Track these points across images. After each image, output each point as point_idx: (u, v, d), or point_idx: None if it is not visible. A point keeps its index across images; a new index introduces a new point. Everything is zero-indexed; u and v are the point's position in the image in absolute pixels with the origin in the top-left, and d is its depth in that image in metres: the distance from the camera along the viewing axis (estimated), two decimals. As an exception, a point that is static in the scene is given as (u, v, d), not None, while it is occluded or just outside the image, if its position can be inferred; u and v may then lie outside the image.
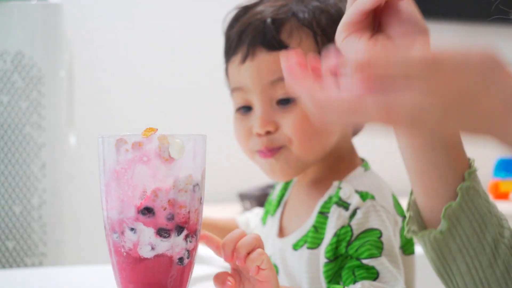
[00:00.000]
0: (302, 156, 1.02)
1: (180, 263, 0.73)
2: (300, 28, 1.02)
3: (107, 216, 0.73)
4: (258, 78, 1.02)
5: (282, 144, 1.01)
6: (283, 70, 0.62)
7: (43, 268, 1.51)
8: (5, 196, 1.64)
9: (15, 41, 1.66)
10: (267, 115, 1.02)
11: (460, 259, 0.72)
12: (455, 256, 0.72)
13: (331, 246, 0.95)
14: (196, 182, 0.73)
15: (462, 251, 0.71)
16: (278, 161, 1.02)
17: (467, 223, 0.71)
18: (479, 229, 0.71)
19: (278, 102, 1.02)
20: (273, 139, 1.02)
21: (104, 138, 0.73)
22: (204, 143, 0.75)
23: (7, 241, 1.65)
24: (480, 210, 0.72)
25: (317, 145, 1.02)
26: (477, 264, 0.71)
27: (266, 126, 1.01)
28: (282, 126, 1.01)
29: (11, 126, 1.65)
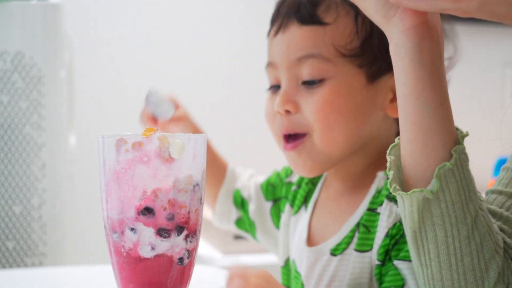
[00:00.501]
0: (324, 148, 0.95)
1: (180, 263, 0.73)
2: (341, 4, 0.96)
3: (107, 216, 0.73)
4: (286, 53, 0.97)
5: (304, 130, 0.96)
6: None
7: (43, 268, 1.51)
8: (5, 196, 1.64)
9: (15, 41, 1.66)
10: (289, 93, 0.96)
11: (440, 226, 0.71)
12: (435, 222, 0.71)
13: (384, 248, 0.89)
14: (196, 182, 0.73)
15: (444, 217, 0.70)
16: (300, 155, 0.97)
17: (455, 188, 0.70)
18: (464, 196, 0.71)
19: (303, 82, 0.96)
20: (294, 121, 0.96)
21: (104, 138, 0.73)
22: (204, 143, 0.75)
23: (7, 241, 1.64)
24: (467, 176, 0.71)
25: (340, 136, 0.95)
26: (456, 233, 0.71)
27: (286, 105, 0.96)
28: (303, 109, 0.96)
29: (11, 126, 1.65)
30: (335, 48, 0.95)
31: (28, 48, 1.67)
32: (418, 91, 0.70)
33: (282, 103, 0.96)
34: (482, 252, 0.71)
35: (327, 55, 0.95)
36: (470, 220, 0.71)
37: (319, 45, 0.95)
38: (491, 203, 0.79)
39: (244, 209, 1.19)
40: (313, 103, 0.94)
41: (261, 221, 1.17)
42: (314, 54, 0.95)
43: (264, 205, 1.17)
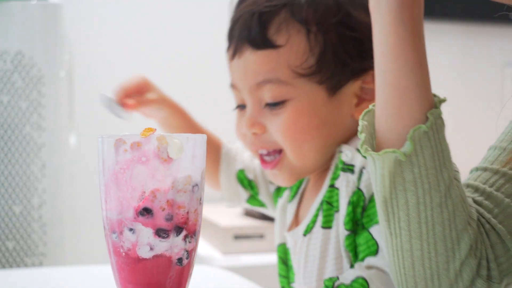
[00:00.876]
0: (298, 163, 0.98)
1: (179, 264, 0.73)
2: (291, 23, 0.95)
3: (106, 216, 0.73)
4: (245, 78, 0.98)
5: (276, 147, 0.98)
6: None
7: (43, 268, 1.51)
8: (5, 196, 1.64)
9: (15, 41, 1.66)
10: (254, 116, 0.98)
11: (412, 192, 0.69)
12: (407, 187, 0.69)
13: (349, 217, 0.90)
14: (195, 183, 0.73)
15: (417, 183, 0.69)
16: (280, 171, 0.99)
17: (429, 152, 0.69)
18: (439, 162, 0.69)
19: (266, 104, 0.97)
20: (264, 140, 0.99)
21: (104, 138, 0.73)
22: (204, 143, 0.75)
23: (7, 241, 1.64)
24: (443, 143, 0.70)
25: (311, 151, 0.97)
26: (428, 200, 0.69)
27: (252, 128, 0.98)
28: (270, 130, 0.98)
29: (11, 126, 1.65)
30: (292, 70, 0.95)
31: (28, 48, 1.67)
32: (398, 50, 0.69)
33: (248, 127, 0.98)
34: (455, 222, 0.69)
35: (284, 79, 0.96)
36: (443, 187, 0.69)
37: (275, 69, 0.96)
38: (475, 180, 0.77)
39: (254, 190, 1.21)
40: (278, 125, 0.96)
41: (269, 203, 1.20)
42: (272, 79, 0.96)
43: (270, 188, 1.19)
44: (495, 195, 0.75)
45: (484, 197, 0.76)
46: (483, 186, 0.76)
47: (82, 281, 1.11)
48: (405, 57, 0.69)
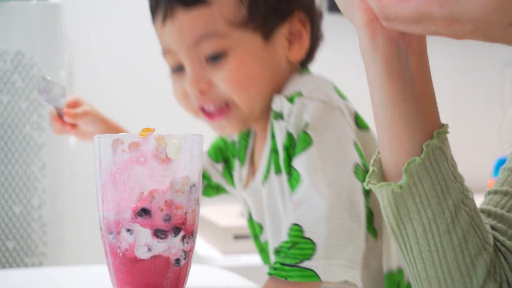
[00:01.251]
0: (247, 109, 1.00)
1: (177, 264, 0.73)
2: None
3: (103, 217, 0.73)
4: (181, 39, 1.00)
5: (224, 100, 1.00)
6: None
7: (43, 268, 1.51)
8: (5, 196, 1.65)
9: (15, 41, 1.66)
10: (197, 74, 0.99)
11: (417, 221, 0.69)
12: (412, 217, 0.70)
13: (286, 162, 0.94)
14: (193, 183, 0.73)
15: (420, 212, 0.69)
16: (229, 120, 1.01)
17: (429, 182, 0.69)
18: (441, 191, 0.69)
19: (207, 58, 0.99)
20: (212, 96, 1.00)
21: (101, 138, 0.72)
22: (201, 144, 0.75)
23: (7, 241, 1.65)
24: (444, 172, 0.70)
25: (258, 95, 1.00)
26: (434, 228, 0.69)
27: (198, 85, 0.99)
28: (216, 84, 0.99)
29: (11, 126, 1.65)
30: (226, 21, 0.99)
31: (28, 48, 1.67)
32: (376, 86, 0.69)
33: (194, 85, 0.99)
34: (467, 247, 0.70)
35: (221, 30, 0.99)
36: (449, 214, 0.69)
37: (210, 23, 0.99)
38: (487, 204, 0.78)
39: (205, 177, 1.21)
40: (223, 76, 0.98)
41: (223, 182, 1.20)
42: (209, 33, 0.99)
43: (218, 168, 1.20)
44: (506, 217, 0.75)
45: (497, 220, 0.76)
46: (494, 209, 0.76)
47: (82, 281, 1.11)
48: (384, 93, 0.69)
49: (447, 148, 0.71)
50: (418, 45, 0.69)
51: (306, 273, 0.84)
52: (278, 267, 0.85)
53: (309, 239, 0.85)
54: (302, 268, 0.84)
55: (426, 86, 0.70)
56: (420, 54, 0.69)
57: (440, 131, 0.70)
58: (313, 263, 0.84)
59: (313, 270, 0.84)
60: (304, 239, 0.85)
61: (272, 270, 0.85)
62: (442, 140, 0.70)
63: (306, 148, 0.90)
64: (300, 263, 0.84)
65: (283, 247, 0.86)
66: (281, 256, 0.85)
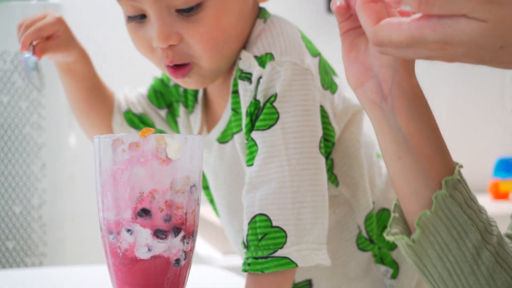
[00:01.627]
0: (214, 67, 0.90)
1: (177, 265, 0.73)
2: None
3: (103, 217, 0.73)
4: None
5: (190, 59, 0.88)
6: None
7: (43, 268, 1.51)
8: (5, 196, 1.65)
9: (15, 41, 1.66)
10: (166, 27, 0.86)
11: (440, 266, 0.70)
12: (435, 263, 0.70)
13: (247, 127, 0.87)
14: (193, 183, 0.73)
15: (442, 258, 0.70)
16: (191, 78, 0.90)
17: (444, 230, 0.69)
18: (459, 236, 0.70)
19: (178, 9, 0.86)
20: (179, 51, 0.88)
21: (101, 138, 0.72)
22: (201, 144, 0.74)
23: (7, 241, 1.65)
24: (459, 218, 0.70)
25: (228, 51, 0.90)
26: (459, 271, 0.70)
27: (167, 40, 0.86)
28: (187, 39, 0.87)
29: (11, 126, 1.65)
30: None
31: (28, 48, 1.67)
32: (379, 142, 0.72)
33: (163, 39, 0.86)
34: (495, 284, 0.70)
35: None
36: (470, 257, 0.70)
37: None
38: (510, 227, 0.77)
39: (148, 124, 1.08)
40: (198, 33, 0.86)
41: (167, 129, 1.09)
42: None
43: (161, 114, 1.08)
44: None
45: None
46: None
47: (82, 281, 1.11)
48: (380, 150, 0.73)
49: (462, 189, 0.70)
50: (404, 105, 0.69)
51: (281, 261, 0.83)
52: (251, 262, 0.83)
53: (278, 227, 0.83)
54: (277, 257, 0.83)
55: (424, 140, 0.70)
56: (408, 112, 0.69)
57: (448, 179, 0.70)
58: (286, 250, 0.83)
59: (288, 258, 0.83)
60: (273, 228, 0.83)
61: (246, 267, 0.84)
62: (453, 185, 0.70)
63: (271, 125, 0.85)
64: (273, 253, 0.83)
65: (251, 240, 0.84)
66: (252, 250, 0.84)
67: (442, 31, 0.51)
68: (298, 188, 0.84)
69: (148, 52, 0.91)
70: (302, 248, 0.84)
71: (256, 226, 0.84)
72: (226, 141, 0.94)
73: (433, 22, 0.52)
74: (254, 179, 0.85)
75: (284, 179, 0.84)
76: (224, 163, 0.95)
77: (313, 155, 0.87)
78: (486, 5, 0.50)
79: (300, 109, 0.86)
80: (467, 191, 0.71)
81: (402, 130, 0.70)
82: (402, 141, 0.70)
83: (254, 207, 0.84)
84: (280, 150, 0.85)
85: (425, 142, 0.70)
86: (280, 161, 0.85)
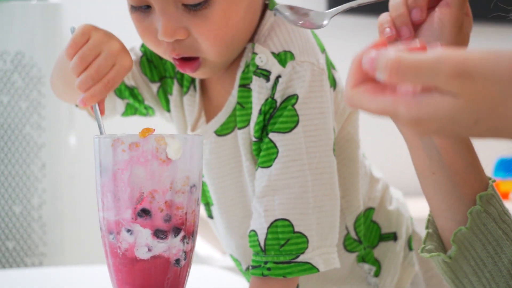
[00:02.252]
0: (222, 61, 0.87)
1: (177, 265, 0.73)
2: None
3: (103, 217, 0.72)
4: None
5: (197, 53, 0.85)
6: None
7: (43, 268, 1.51)
8: (5, 196, 1.65)
9: (15, 41, 1.66)
10: (172, 21, 0.83)
11: (476, 281, 0.70)
12: (471, 279, 0.70)
13: (259, 125, 0.86)
14: (193, 183, 0.72)
15: (478, 274, 0.70)
16: (199, 71, 0.87)
17: (480, 246, 0.70)
18: (494, 251, 0.70)
19: (185, 4, 0.82)
20: (186, 46, 0.85)
21: (101, 138, 0.72)
22: (201, 144, 0.74)
23: (7, 241, 1.65)
24: (494, 233, 0.70)
25: (236, 45, 0.87)
26: (494, 286, 0.70)
27: (173, 35, 0.83)
28: (194, 35, 0.84)
29: (11, 126, 1.65)
30: None
31: (28, 48, 1.67)
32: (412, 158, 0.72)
33: (169, 34, 0.82)
34: None
35: None
36: (506, 272, 0.70)
37: None
38: None
39: (138, 98, 1.01)
40: (206, 30, 0.83)
41: (156, 104, 1.02)
42: None
43: (153, 89, 1.01)
44: None
45: None
46: None
47: (82, 281, 1.11)
48: (414, 166, 0.72)
49: (496, 205, 0.70)
50: None
51: (304, 266, 0.83)
52: (272, 266, 0.84)
53: (300, 233, 0.84)
54: (299, 262, 0.83)
55: (457, 155, 0.70)
56: None
57: (482, 194, 0.70)
58: (308, 255, 0.83)
59: (310, 263, 0.83)
60: (295, 234, 0.84)
61: (265, 271, 0.84)
62: (487, 200, 0.70)
63: (292, 128, 0.84)
64: (295, 258, 0.83)
65: (272, 245, 0.84)
66: (272, 255, 0.84)
67: (416, 110, 0.50)
68: (317, 193, 0.85)
69: (153, 43, 0.88)
70: (322, 252, 0.85)
71: (278, 231, 0.84)
72: (225, 134, 0.92)
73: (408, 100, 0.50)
74: (274, 182, 0.84)
75: (306, 184, 0.84)
76: (220, 156, 0.93)
77: (328, 158, 0.86)
78: (459, 79, 0.48)
79: (318, 112, 0.86)
80: (501, 205, 0.71)
81: (435, 145, 0.69)
82: (436, 157, 0.70)
83: (274, 211, 0.84)
84: (301, 153, 0.84)
85: (459, 157, 0.70)
86: (301, 165, 0.84)
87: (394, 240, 0.99)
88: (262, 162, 0.86)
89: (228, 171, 0.93)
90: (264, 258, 0.84)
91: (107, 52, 0.81)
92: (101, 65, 0.80)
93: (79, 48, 0.81)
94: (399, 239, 0.99)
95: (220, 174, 0.94)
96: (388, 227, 0.99)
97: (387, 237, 0.99)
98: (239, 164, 0.92)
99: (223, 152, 0.93)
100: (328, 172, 0.86)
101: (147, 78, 1.00)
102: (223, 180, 0.94)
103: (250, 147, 0.89)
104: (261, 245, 0.84)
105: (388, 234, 0.99)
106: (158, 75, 0.99)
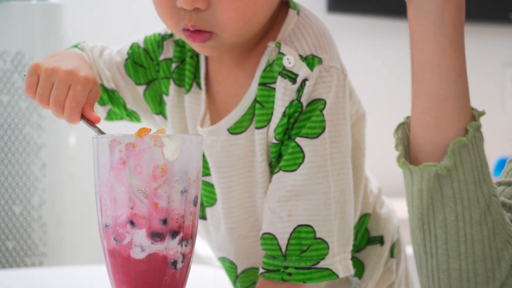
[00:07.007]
0: (234, 40, 0.86)
1: (174, 267, 0.72)
2: None
3: (101, 217, 0.73)
4: None
5: (212, 28, 0.84)
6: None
7: (43, 268, 1.51)
8: (5, 196, 1.65)
9: (15, 41, 1.66)
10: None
11: (451, 208, 0.66)
12: (446, 203, 0.66)
13: (282, 128, 0.85)
14: (191, 185, 0.72)
15: (456, 199, 0.66)
16: (209, 46, 0.86)
17: (469, 167, 0.66)
18: (478, 177, 0.66)
19: None
20: (203, 17, 0.83)
21: (98, 138, 0.72)
22: (200, 144, 0.74)
23: (7, 241, 1.65)
24: (482, 157, 0.67)
25: (253, 25, 0.85)
26: (467, 217, 0.66)
27: (194, 3, 0.81)
28: (215, 7, 0.82)
29: (11, 126, 1.65)
30: None
31: (28, 48, 1.67)
32: (438, 58, 0.66)
33: (190, 1, 0.81)
34: (495, 240, 0.67)
35: None
36: (483, 203, 0.66)
37: None
38: (499, 195, 0.74)
39: (119, 102, 1.00)
40: (227, 4, 0.82)
41: (141, 108, 1.01)
42: None
43: (138, 90, 0.99)
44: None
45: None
46: (510, 202, 0.74)
47: (82, 281, 1.11)
48: (445, 66, 0.66)
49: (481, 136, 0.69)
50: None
51: (324, 272, 0.84)
52: (293, 272, 0.84)
53: (321, 239, 0.84)
54: (319, 269, 0.84)
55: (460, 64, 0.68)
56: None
57: (481, 112, 0.68)
58: (328, 261, 0.84)
59: (329, 269, 0.84)
60: (316, 240, 0.84)
61: (286, 276, 0.84)
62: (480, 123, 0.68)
63: (320, 134, 0.84)
64: (316, 264, 0.84)
65: (293, 250, 0.84)
66: (293, 260, 0.84)
67: None
68: (338, 199, 0.85)
69: (167, 12, 0.85)
70: (342, 258, 0.86)
71: (301, 236, 0.84)
72: (239, 133, 0.90)
73: None
74: (299, 187, 0.84)
75: (329, 190, 0.84)
76: (231, 155, 0.91)
77: (347, 164, 0.87)
78: None
79: (341, 118, 0.86)
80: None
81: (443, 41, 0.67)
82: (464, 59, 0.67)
83: (298, 216, 0.84)
84: (326, 160, 0.85)
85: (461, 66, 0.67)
86: (326, 171, 0.85)
87: (381, 244, 0.99)
88: (286, 166, 0.85)
89: (238, 171, 0.92)
90: (285, 263, 0.84)
91: (57, 80, 0.86)
92: (57, 95, 0.85)
93: (35, 89, 0.87)
94: (385, 244, 0.99)
95: (229, 173, 0.92)
96: (376, 230, 1.00)
97: (374, 241, 1.00)
98: (251, 164, 0.91)
99: (235, 151, 0.91)
100: (347, 178, 0.87)
101: (132, 80, 0.98)
102: (232, 180, 0.93)
103: (267, 148, 0.88)
104: (282, 249, 0.85)
105: (375, 237, 1.00)
106: (145, 77, 0.98)
